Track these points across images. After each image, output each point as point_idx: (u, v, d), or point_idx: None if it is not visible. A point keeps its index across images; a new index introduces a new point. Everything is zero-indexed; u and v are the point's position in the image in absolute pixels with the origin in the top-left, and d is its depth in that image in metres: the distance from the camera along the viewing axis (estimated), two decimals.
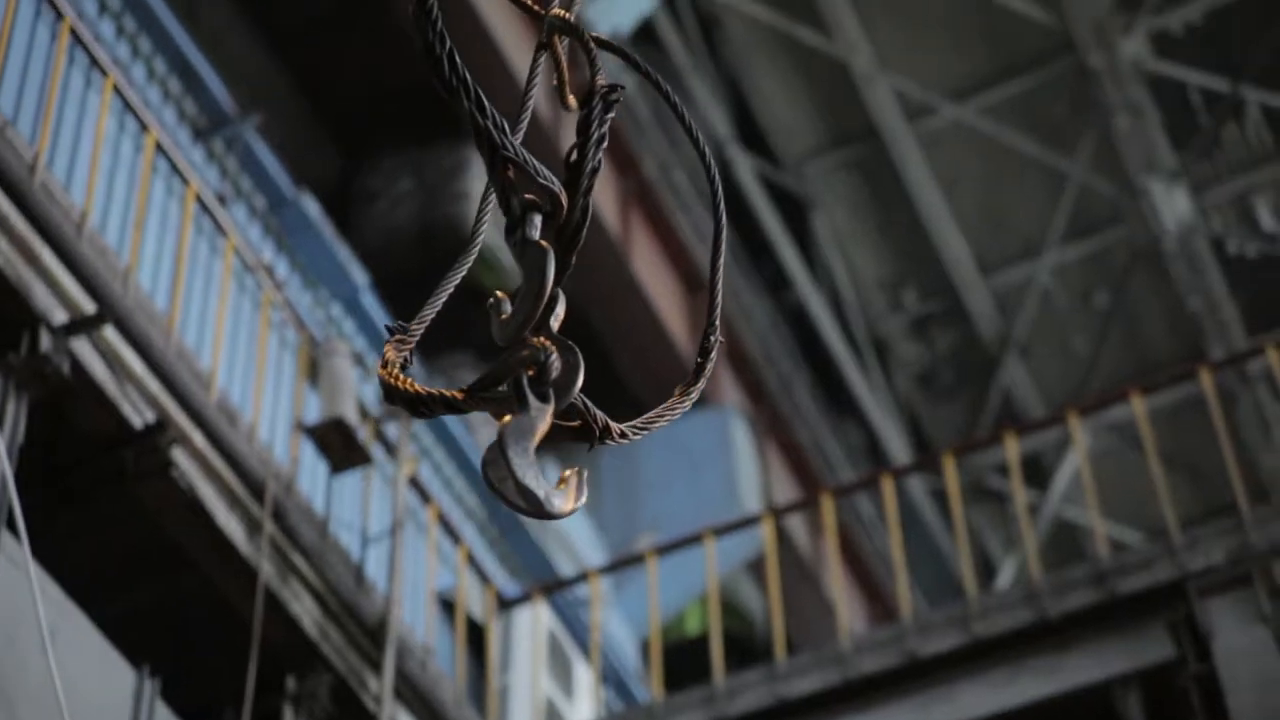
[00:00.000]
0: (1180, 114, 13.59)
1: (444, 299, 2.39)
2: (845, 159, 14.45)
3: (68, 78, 6.28)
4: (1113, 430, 12.98)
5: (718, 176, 2.34)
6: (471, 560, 7.94)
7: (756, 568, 11.33)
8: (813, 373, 14.14)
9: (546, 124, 10.44)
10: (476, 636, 8.18)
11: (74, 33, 6.11)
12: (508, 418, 2.18)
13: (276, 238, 8.39)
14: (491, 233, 2.37)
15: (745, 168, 13.81)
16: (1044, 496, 13.83)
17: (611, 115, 2.27)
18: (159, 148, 6.49)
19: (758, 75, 13.92)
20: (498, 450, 2.15)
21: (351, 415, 6.88)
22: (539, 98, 2.41)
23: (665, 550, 8.45)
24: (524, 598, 8.40)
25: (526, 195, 2.28)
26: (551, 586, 8.75)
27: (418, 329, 2.32)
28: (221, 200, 7.47)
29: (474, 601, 8.21)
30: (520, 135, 2.32)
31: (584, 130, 2.27)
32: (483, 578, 8.07)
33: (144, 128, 6.47)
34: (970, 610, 7.36)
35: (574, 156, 2.27)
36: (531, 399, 2.20)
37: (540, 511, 2.17)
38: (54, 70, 5.96)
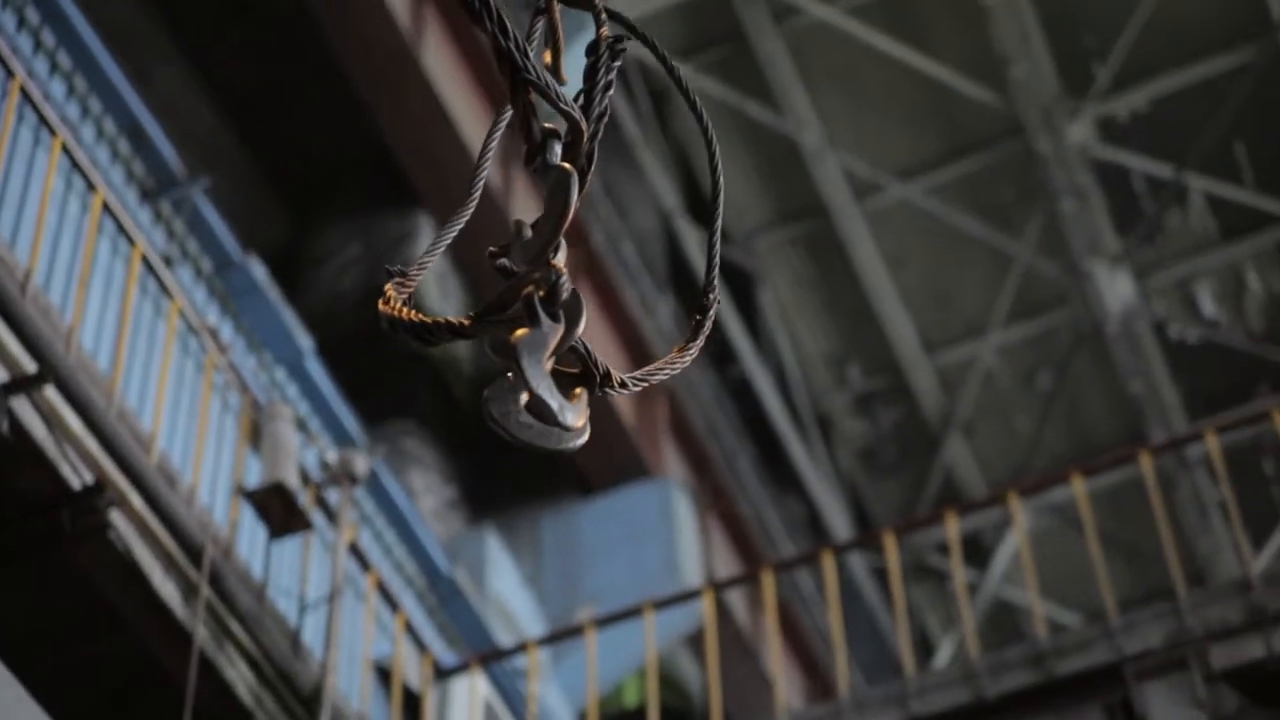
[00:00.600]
0: (1125, 199, 13.74)
1: (442, 248, 2.38)
2: (793, 234, 14.54)
3: (16, 135, 6.26)
4: (1053, 511, 13.06)
5: (715, 139, 2.38)
6: (409, 628, 7.89)
7: (696, 641, 11.30)
8: (756, 447, 14.16)
9: (497, 193, 10.47)
10: (413, 706, 8.12)
11: (24, 90, 6.10)
12: (521, 331, 2.18)
13: (222, 300, 8.37)
14: (438, 302, 2.38)
15: (693, 240, 13.87)
16: (983, 576, 13.87)
17: (618, 64, 2.32)
18: (106, 207, 6.47)
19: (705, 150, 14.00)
20: (514, 359, 2.14)
21: (292, 480, 6.85)
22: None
23: (604, 622, 8.43)
24: (461, 667, 8.36)
25: (545, 124, 2.31)
26: (489, 656, 8.71)
27: (418, 275, 2.33)
28: (168, 262, 7.45)
29: (411, 670, 8.16)
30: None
31: (591, 77, 2.31)
32: (420, 646, 8.03)
33: (91, 187, 6.45)
34: (908, 689, 7.37)
35: (581, 101, 2.31)
36: (544, 317, 2.20)
37: (552, 425, 2.15)
38: (3, 128, 5.95)
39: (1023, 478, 13.53)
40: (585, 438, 2.21)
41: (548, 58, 2.43)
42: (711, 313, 2.37)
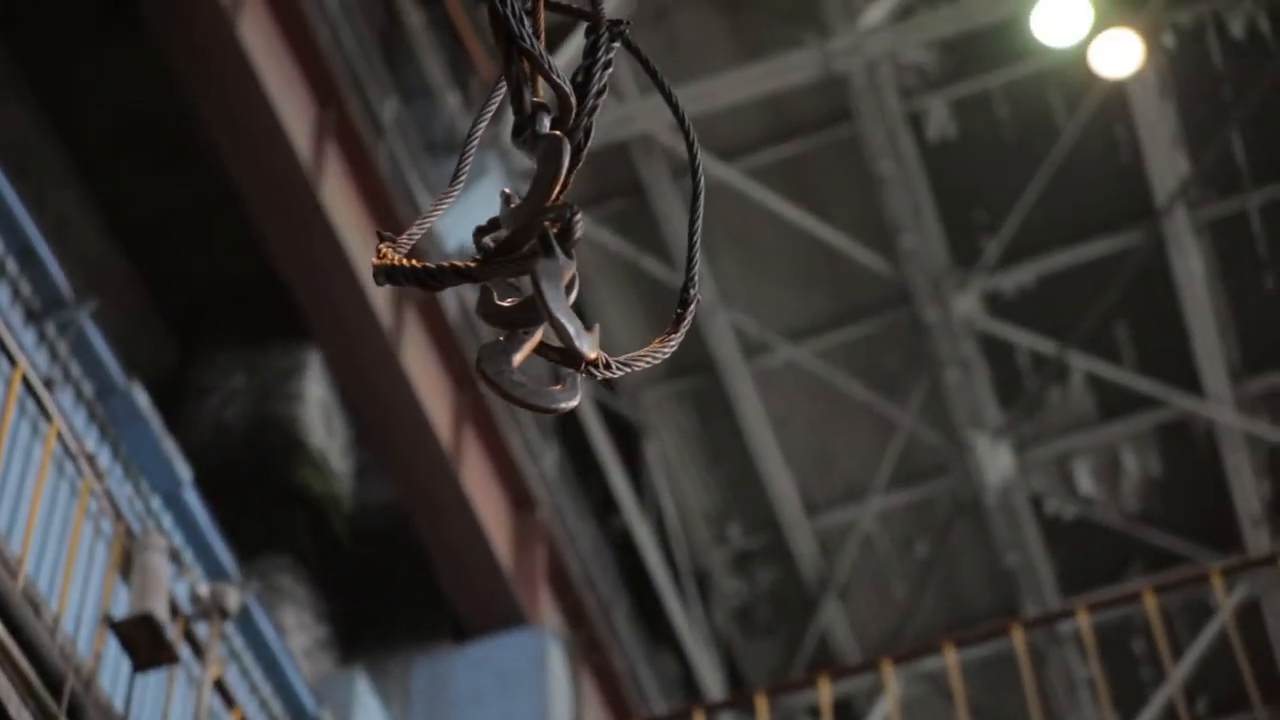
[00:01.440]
0: (1008, 373, 13.94)
1: (435, 218, 2.36)
2: (681, 389, 14.60)
3: None
4: (925, 679, 13.06)
5: (695, 135, 2.39)
6: None
7: None
8: (634, 600, 14.11)
9: (389, 331, 10.45)
10: None
11: None
12: (542, 261, 2.15)
13: (102, 426, 8.26)
14: (323, 438, 2.38)
15: (581, 390, 13.89)
16: None
17: (617, 45, 2.34)
18: None
19: (600, 300, 14.08)
20: (535, 286, 2.11)
21: (161, 612, 6.73)
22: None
23: None
24: None
25: (535, 98, 2.31)
26: None
27: (408, 240, 2.31)
28: (49, 384, 7.35)
29: None
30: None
31: (591, 54, 2.31)
32: None
33: None
34: None
35: (580, 78, 2.32)
36: (559, 252, 2.19)
37: (568, 346, 2.12)
38: None
39: (897, 645, 13.55)
40: (576, 401, 2.21)
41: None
42: (693, 307, 2.39)
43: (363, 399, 10.91)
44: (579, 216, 2.23)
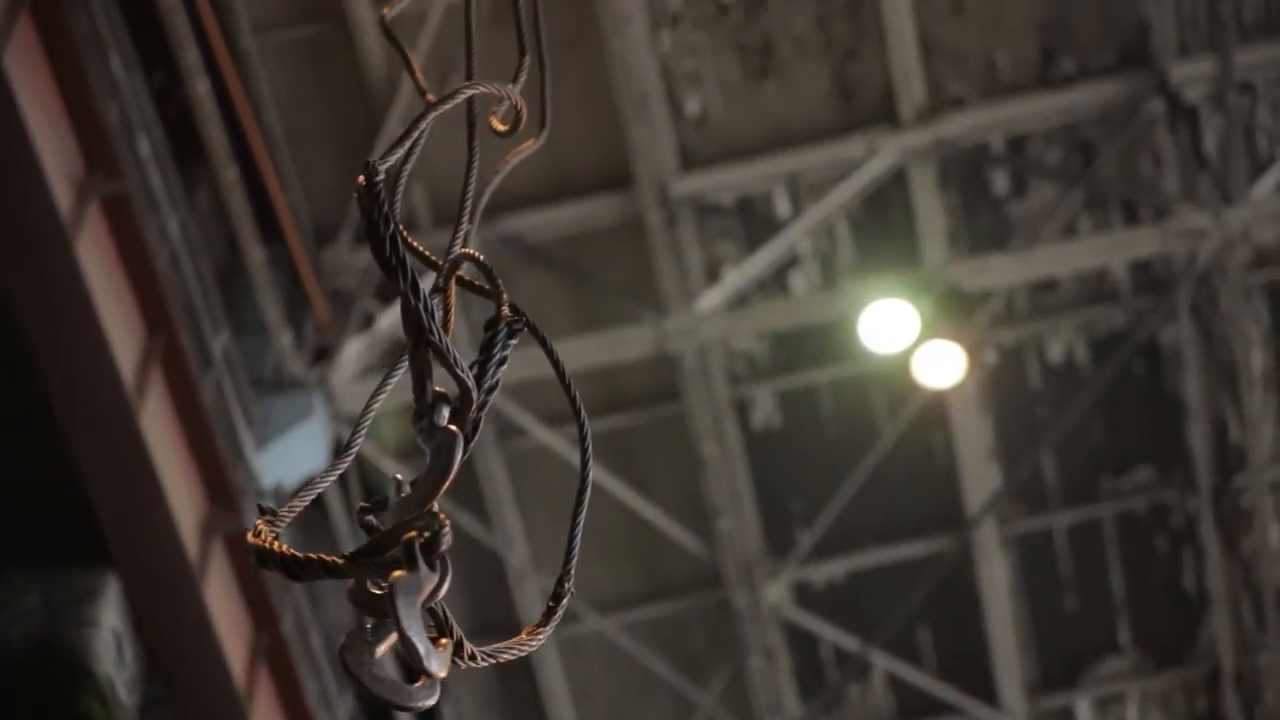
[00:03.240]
0: (811, 665, 13.99)
1: (318, 489, 2.33)
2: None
3: None
4: None
5: (588, 430, 2.41)
6: None
7: None
8: None
9: (194, 566, 10.25)
10: None
11: None
12: (397, 573, 2.13)
13: None
14: (108, 665, 2.35)
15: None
16: None
17: (514, 342, 2.38)
18: None
19: None
20: (388, 598, 2.08)
21: None
22: None
23: None
24: None
25: (436, 389, 2.33)
26: None
27: (287, 515, 2.28)
28: None
29: None
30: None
31: (487, 350, 2.35)
32: None
33: None
34: None
35: (475, 372, 2.34)
36: (422, 564, 2.16)
37: (417, 667, 2.09)
38: None
39: None
40: (435, 698, 2.18)
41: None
42: (564, 601, 2.41)
43: (158, 630, 10.65)
44: (447, 529, 2.26)
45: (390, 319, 12.39)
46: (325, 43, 12.04)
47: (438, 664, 2.20)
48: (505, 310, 2.49)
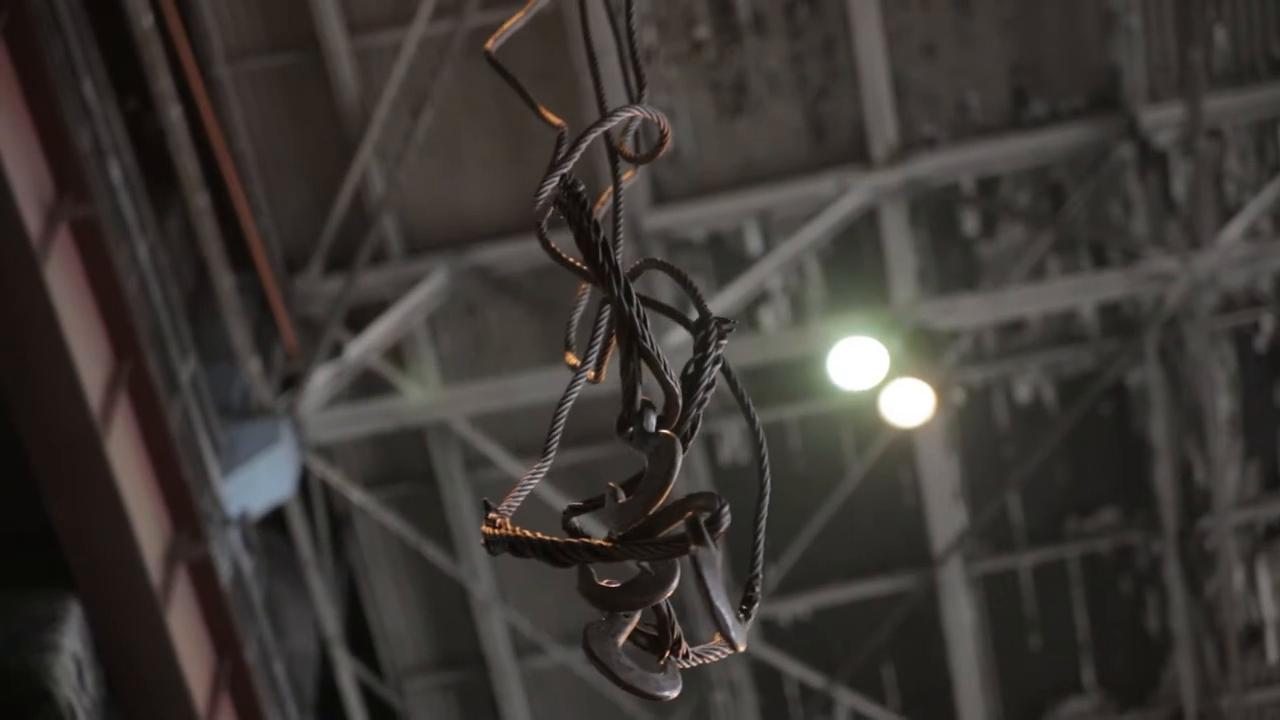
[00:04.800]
0: (775, 701, 13.99)
1: (534, 482, 2.31)
2: (447, 681, 14.40)
3: None
4: None
5: (765, 445, 2.40)
6: None
7: None
8: None
9: (158, 590, 10.21)
10: None
11: None
12: (695, 547, 2.11)
13: None
14: (69, 690, 2.35)
15: (347, 671, 13.65)
16: None
17: (726, 341, 2.38)
18: None
19: (378, 582, 13.93)
20: (696, 575, 2.08)
21: None
22: None
23: None
24: None
25: (643, 397, 2.33)
26: None
27: (510, 506, 2.28)
28: None
29: None
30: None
31: (702, 348, 2.35)
32: None
33: None
34: None
35: (690, 370, 2.35)
36: (709, 539, 2.15)
37: (725, 636, 2.07)
38: None
39: None
40: (678, 691, 2.17)
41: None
42: (755, 606, 2.40)
43: (120, 656, 10.60)
44: (727, 508, 2.26)
45: (360, 347, 12.39)
46: (298, 71, 12.05)
47: (740, 636, 2.21)
48: (711, 313, 2.50)
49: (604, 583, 2.26)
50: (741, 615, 2.41)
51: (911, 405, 12.46)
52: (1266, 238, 12.44)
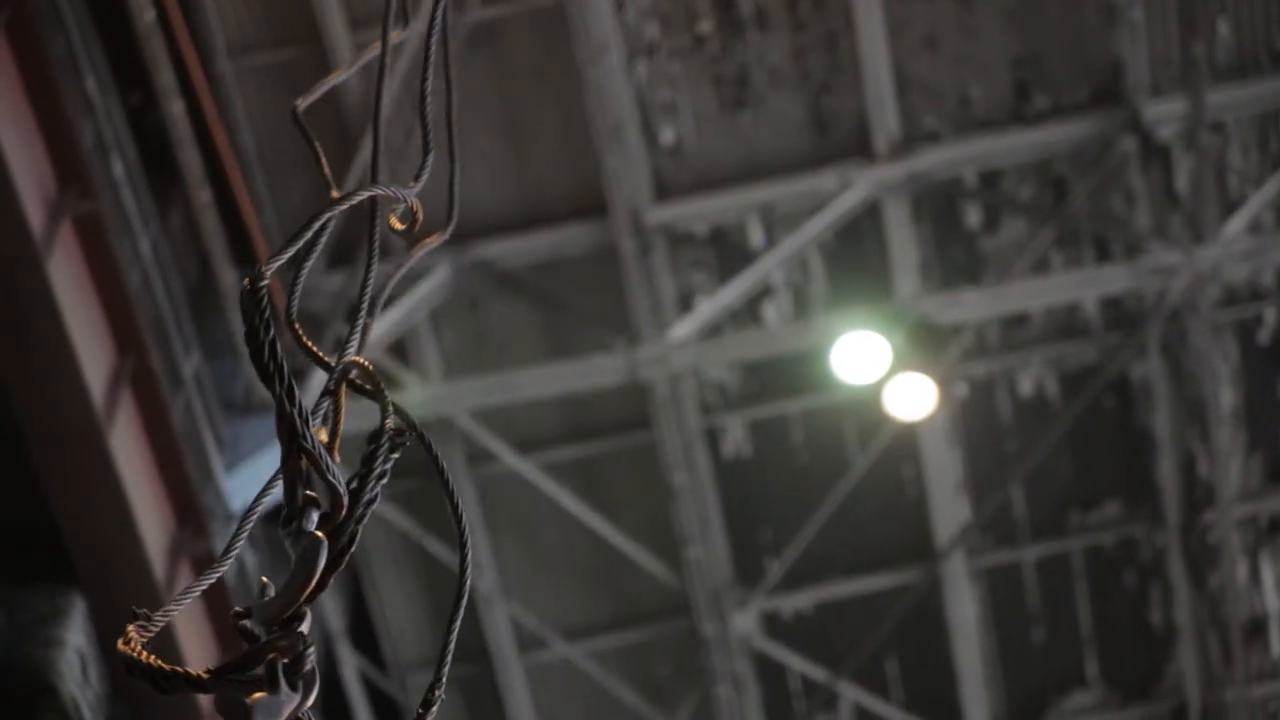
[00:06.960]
0: (779, 695, 13.98)
1: (197, 591, 2.32)
2: (451, 675, 14.31)
3: None
4: None
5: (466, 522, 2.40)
6: None
7: None
8: None
9: (160, 585, 10.22)
10: None
11: None
12: (257, 695, 2.11)
13: None
14: (73, 685, 2.35)
15: (350, 666, 13.66)
16: None
17: (396, 456, 2.37)
18: None
19: (382, 577, 13.94)
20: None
21: None
22: None
23: None
24: None
25: (308, 491, 2.31)
26: None
27: (162, 618, 2.27)
28: None
29: None
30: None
31: (368, 464, 2.35)
32: None
33: None
34: None
35: (354, 484, 2.33)
36: (284, 685, 2.14)
37: None
38: None
39: None
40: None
41: (323, 435, 2.49)
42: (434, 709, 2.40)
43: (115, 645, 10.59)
44: (311, 651, 2.24)
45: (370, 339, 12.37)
46: (300, 67, 12.04)
47: None
48: (389, 422, 2.47)
49: (254, 698, 2.21)
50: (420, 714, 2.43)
51: (914, 399, 12.46)
52: (1269, 231, 12.43)
